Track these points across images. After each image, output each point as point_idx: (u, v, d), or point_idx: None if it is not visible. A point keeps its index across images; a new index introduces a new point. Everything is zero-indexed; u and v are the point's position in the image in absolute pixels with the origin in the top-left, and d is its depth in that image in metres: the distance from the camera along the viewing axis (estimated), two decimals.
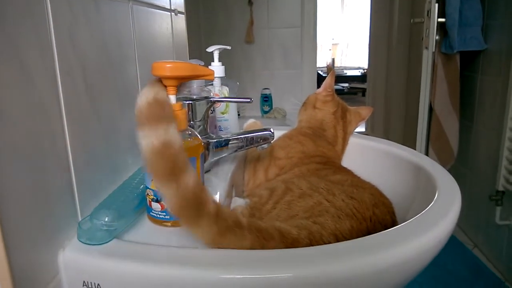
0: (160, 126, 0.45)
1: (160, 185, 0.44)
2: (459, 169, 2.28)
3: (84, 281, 0.46)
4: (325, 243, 0.52)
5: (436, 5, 1.93)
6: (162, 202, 0.53)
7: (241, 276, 0.43)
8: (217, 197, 0.64)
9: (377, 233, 0.50)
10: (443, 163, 2.13)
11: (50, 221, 0.46)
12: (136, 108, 0.46)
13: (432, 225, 0.51)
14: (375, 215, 0.60)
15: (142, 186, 0.57)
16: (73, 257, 0.47)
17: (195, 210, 0.45)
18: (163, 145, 0.44)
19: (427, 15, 1.99)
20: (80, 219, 0.52)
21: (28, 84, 0.42)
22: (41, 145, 0.44)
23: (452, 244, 2.13)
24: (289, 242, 0.50)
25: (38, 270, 0.44)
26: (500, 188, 1.82)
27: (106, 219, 0.49)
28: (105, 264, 0.46)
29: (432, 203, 0.58)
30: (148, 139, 0.44)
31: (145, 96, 0.46)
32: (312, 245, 0.51)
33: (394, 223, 0.63)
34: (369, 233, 0.56)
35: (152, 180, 0.51)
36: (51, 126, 0.46)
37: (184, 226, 0.46)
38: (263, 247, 0.48)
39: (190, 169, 0.46)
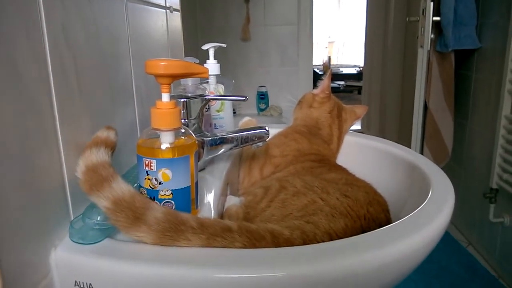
0: (104, 189, 0.47)
1: (130, 234, 0.46)
2: (453, 167, 2.29)
3: (76, 281, 0.46)
4: (319, 243, 0.52)
5: (431, 3, 1.93)
6: (155, 201, 0.53)
7: (235, 276, 0.43)
8: (211, 196, 0.64)
9: (371, 232, 0.50)
10: (437, 161, 2.14)
11: (41, 220, 0.46)
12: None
13: (426, 223, 0.51)
14: (370, 213, 0.60)
15: (136, 184, 0.57)
16: (65, 256, 0.47)
17: (175, 231, 0.46)
18: (114, 203, 0.46)
19: (423, 13, 2.00)
20: (72, 218, 0.52)
21: (19, 81, 0.42)
22: (32, 143, 0.44)
23: (446, 242, 2.14)
24: (281, 242, 0.50)
25: (29, 269, 0.44)
26: (494, 186, 1.84)
27: (99, 218, 0.49)
28: (97, 263, 0.46)
29: (426, 201, 0.58)
30: (101, 203, 0.46)
31: (79, 167, 0.48)
32: (306, 245, 0.51)
33: (388, 221, 0.63)
34: (363, 231, 0.56)
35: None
36: (43, 123, 0.46)
37: (172, 245, 0.47)
38: (255, 248, 0.48)
39: (151, 204, 0.48)
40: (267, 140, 0.73)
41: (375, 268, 0.45)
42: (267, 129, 0.72)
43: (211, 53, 0.92)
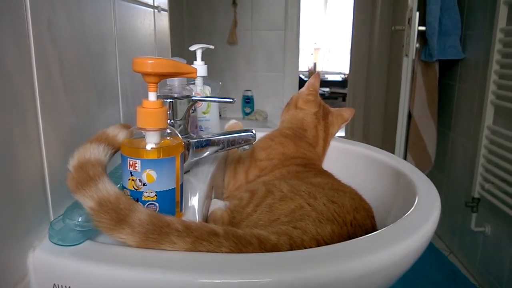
0: (89, 189, 0.46)
1: (114, 236, 0.45)
2: (436, 176, 2.32)
3: (54, 284, 0.44)
4: (307, 248, 0.51)
5: (417, 13, 1.96)
6: (139, 202, 0.51)
7: (220, 281, 0.42)
8: (196, 199, 0.63)
9: (359, 238, 0.50)
10: (420, 169, 2.15)
11: (20, 220, 0.44)
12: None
13: (414, 230, 0.51)
14: (356, 219, 0.60)
15: (119, 185, 0.56)
16: (43, 258, 0.45)
17: (159, 233, 0.45)
18: (99, 204, 0.45)
19: (408, 23, 2.02)
20: (52, 219, 0.50)
21: (2, 76, 0.40)
22: (13, 140, 0.42)
23: (428, 250, 2.15)
24: (267, 248, 0.49)
25: (5, 270, 0.42)
26: (476, 195, 1.86)
27: (80, 219, 0.47)
28: (77, 266, 0.44)
29: (412, 208, 0.58)
30: (85, 203, 0.45)
31: (72, 160, 0.48)
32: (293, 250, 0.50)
33: (374, 227, 0.63)
34: (349, 237, 0.56)
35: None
36: (25, 120, 0.44)
37: (156, 247, 0.45)
38: (241, 253, 0.47)
39: (136, 205, 0.47)
40: (253, 143, 0.72)
41: (362, 274, 0.44)
42: (254, 132, 0.71)
43: (199, 54, 0.90)
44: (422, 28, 2.00)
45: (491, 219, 1.82)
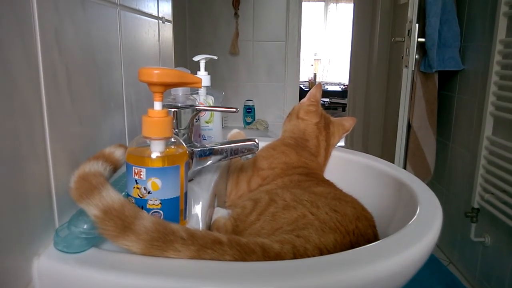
0: (93, 197, 0.46)
1: (119, 243, 0.45)
2: (435, 186, 2.32)
3: None
4: (310, 257, 0.51)
5: (417, 25, 1.98)
6: (143, 210, 0.51)
7: None
8: (199, 207, 0.63)
9: (362, 247, 0.50)
10: (419, 179, 2.16)
11: (25, 227, 0.45)
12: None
13: (416, 240, 0.51)
14: (358, 228, 0.60)
15: (124, 193, 0.56)
16: (48, 265, 0.46)
17: (164, 241, 0.45)
18: (104, 211, 0.45)
19: (408, 34, 2.04)
20: (57, 226, 0.50)
21: (10, 85, 0.41)
22: (20, 148, 0.43)
23: (428, 260, 2.15)
24: (271, 257, 0.49)
25: (9, 277, 0.42)
26: (476, 205, 1.86)
27: (85, 227, 0.48)
28: (82, 273, 0.44)
29: (414, 218, 0.59)
30: (90, 211, 0.46)
31: (73, 178, 0.48)
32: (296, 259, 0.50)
33: (376, 236, 0.63)
34: (352, 246, 0.56)
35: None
36: (32, 127, 0.45)
37: (160, 255, 0.46)
38: (245, 262, 0.47)
39: (141, 213, 0.47)
40: (256, 152, 0.73)
41: (365, 284, 0.45)
42: (257, 141, 0.72)
43: (202, 64, 0.91)
44: (421, 39, 2.01)
45: (490, 230, 1.82)
